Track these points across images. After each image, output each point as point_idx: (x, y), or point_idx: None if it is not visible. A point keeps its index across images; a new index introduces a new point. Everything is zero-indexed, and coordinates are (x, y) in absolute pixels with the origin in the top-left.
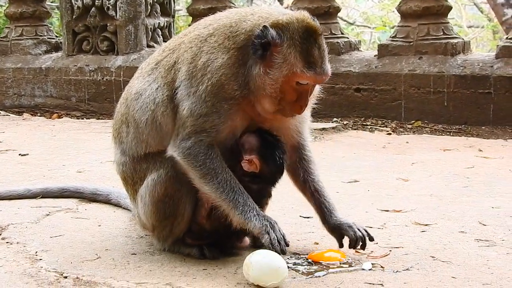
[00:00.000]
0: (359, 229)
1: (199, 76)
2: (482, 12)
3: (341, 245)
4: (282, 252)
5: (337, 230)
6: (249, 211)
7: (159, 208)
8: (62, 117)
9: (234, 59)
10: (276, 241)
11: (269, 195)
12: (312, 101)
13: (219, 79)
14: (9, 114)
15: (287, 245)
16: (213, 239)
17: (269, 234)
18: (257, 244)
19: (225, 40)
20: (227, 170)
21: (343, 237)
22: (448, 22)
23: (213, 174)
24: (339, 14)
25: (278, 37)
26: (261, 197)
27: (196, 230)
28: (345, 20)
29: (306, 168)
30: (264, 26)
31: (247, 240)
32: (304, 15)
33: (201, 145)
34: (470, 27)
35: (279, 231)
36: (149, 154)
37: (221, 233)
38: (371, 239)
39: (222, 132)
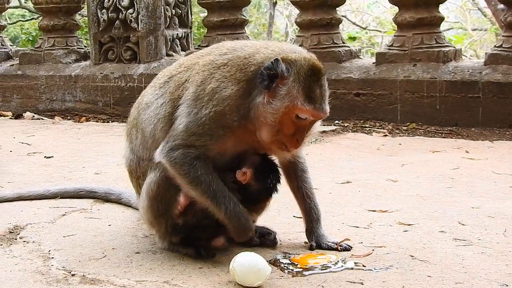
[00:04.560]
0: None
1: (205, 100)
2: (485, 16)
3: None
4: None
5: (317, 240)
6: (231, 214)
7: (153, 206)
8: (89, 120)
9: (242, 91)
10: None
11: (267, 200)
12: (308, 138)
13: (223, 109)
14: (42, 118)
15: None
16: (186, 235)
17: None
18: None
19: (237, 71)
20: (212, 178)
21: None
22: (441, 32)
23: (197, 182)
24: (353, 19)
25: (286, 70)
26: (252, 203)
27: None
28: (358, 25)
29: (299, 176)
30: (276, 59)
31: (221, 240)
32: (312, 56)
33: (187, 156)
34: (474, 30)
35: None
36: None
37: (193, 230)
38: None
39: (210, 151)
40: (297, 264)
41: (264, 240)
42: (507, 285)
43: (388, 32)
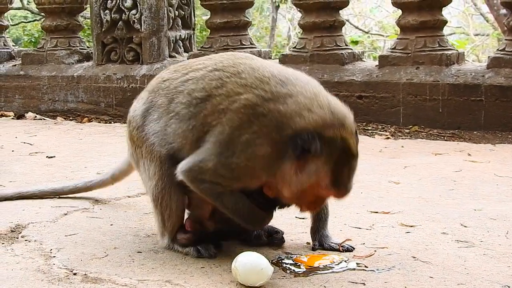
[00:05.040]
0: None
1: (238, 149)
2: (487, 21)
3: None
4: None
5: (320, 240)
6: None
7: (154, 191)
8: (91, 121)
9: (276, 153)
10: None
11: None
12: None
13: (253, 165)
14: (44, 118)
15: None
16: (209, 240)
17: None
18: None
19: (274, 131)
20: (237, 198)
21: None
22: (444, 35)
23: (223, 204)
24: (355, 23)
25: (320, 150)
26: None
27: (196, 229)
28: (360, 29)
29: None
30: (313, 137)
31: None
32: (350, 136)
33: (214, 190)
34: (476, 35)
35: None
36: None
37: (223, 233)
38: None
39: (236, 188)
40: (299, 264)
41: (272, 239)
42: (509, 287)
43: (390, 36)
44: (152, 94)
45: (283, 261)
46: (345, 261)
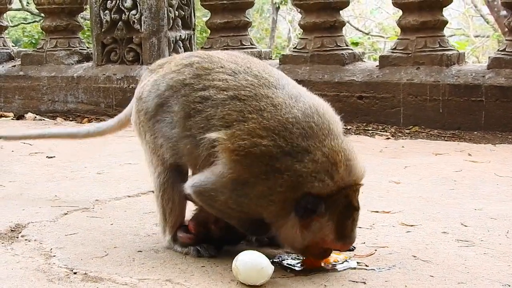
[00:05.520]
0: None
1: (250, 195)
2: (488, 23)
3: None
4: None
5: None
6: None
7: (157, 182)
8: (91, 121)
9: (285, 210)
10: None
11: None
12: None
13: (261, 214)
14: (44, 119)
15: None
16: (211, 241)
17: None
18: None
19: (287, 191)
20: None
21: None
22: (444, 35)
23: (222, 214)
24: (355, 25)
25: (324, 210)
26: None
27: (200, 231)
28: (360, 31)
29: None
30: (316, 200)
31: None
32: (354, 193)
33: (219, 210)
34: (476, 36)
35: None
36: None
37: (226, 240)
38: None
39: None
40: (300, 263)
41: (274, 240)
42: (509, 286)
43: (390, 38)
44: (169, 91)
45: (284, 260)
46: (346, 260)
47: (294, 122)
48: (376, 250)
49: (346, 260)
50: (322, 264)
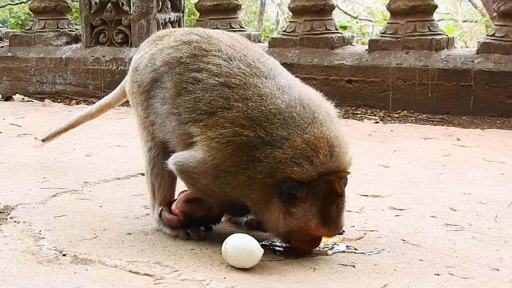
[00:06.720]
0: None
1: (231, 184)
2: (476, 7)
3: None
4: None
5: None
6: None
7: (147, 156)
8: (80, 103)
9: (267, 196)
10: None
11: None
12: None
13: (244, 202)
14: (32, 100)
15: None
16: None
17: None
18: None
19: (267, 177)
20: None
21: None
22: (434, 20)
23: (202, 194)
24: (344, 8)
25: (305, 195)
26: None
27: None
28: (349, 14)
29: None
30: (297, 185)
31: None
32: (338, 180)
33: (199, 189)
34: (465, 21)
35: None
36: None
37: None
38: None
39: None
40: (289, 247)
41: (262, 225)
42: (497, 270)
43: (379, 22)
44: (165, 67)
45: (273, 243)
46: (337, 244)
47: (276, 113)
48: (365, 233)
49: (335, 244)
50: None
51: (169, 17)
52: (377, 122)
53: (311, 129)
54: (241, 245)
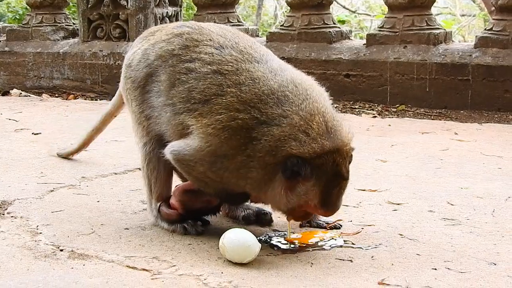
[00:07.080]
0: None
1: (230, 168)
2: (474, 1)
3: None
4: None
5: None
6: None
7: (142, 151)
8: (77, 98)
9: (268, 175)
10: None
11: None
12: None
13: (244, 185)
14: (29, 95)
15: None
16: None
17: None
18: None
19: (267, 154)
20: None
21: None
22: (432, 14)
23: (199, 183)
24: (342, 2)
25: (310, 174)
26: None
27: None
28: (347, 8)
29: None
30: (304, 161)
31: None
32: (342, 160)
33: (195, 178)
34: (463, 15)
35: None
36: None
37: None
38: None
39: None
40: (287, 242)
41: (260, 219)
42: (495, 264)
43: (377, 16)
44: (158, 61)
45: (270, 238)
46: (334, 239)
47: (269, 93)
48: (362, 228)
49: (333, 238)
50: (303, 241)
51: (167, 12)
52: (375, 117)
53: (306, 105)
54: (239, 239)
